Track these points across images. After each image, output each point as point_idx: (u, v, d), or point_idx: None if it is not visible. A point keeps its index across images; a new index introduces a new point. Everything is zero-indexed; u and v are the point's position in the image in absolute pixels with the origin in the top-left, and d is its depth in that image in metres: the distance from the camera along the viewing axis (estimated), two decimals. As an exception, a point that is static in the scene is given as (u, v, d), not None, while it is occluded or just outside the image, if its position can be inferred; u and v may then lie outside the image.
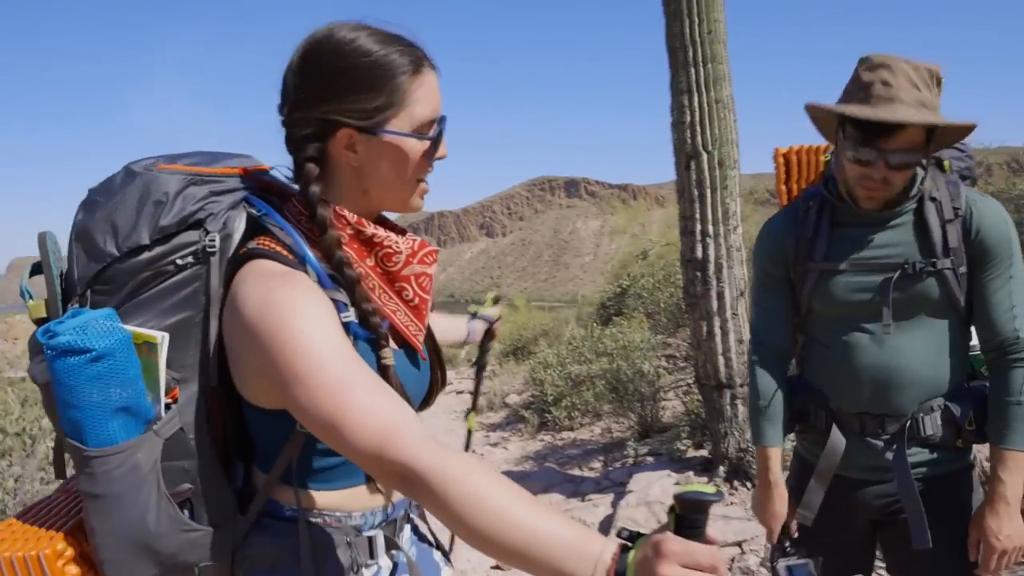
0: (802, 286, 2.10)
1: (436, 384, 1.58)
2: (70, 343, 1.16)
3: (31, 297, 1.31)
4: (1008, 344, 1.94)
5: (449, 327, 2.12)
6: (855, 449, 2.06)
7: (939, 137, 1.93)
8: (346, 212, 1.32)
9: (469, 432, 2.63)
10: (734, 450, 5.47)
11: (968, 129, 1.89)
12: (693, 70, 5.31)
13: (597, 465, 7.34)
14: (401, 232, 1.43)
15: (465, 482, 1.02)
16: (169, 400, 1.29)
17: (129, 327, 1.24)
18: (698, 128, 5.32)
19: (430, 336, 1.55)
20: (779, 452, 2.15)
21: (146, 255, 1.26)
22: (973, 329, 2.05)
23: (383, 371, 1.30)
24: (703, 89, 5.31)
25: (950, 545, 1.99)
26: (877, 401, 2.01)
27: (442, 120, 1.36)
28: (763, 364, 2.19)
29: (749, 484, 5.35)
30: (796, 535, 2.16)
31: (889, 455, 2.03)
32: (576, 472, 7.26)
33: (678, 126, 5.44)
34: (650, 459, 6.70)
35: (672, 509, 0.96)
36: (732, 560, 4.52)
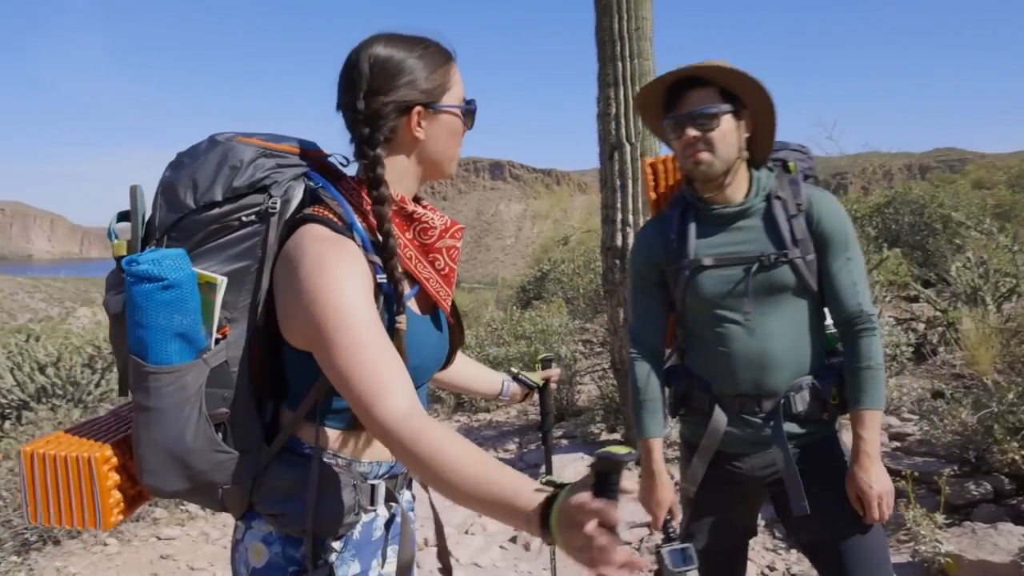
0: (675, 285, 2.29)
1: (456, 344, 1.81)
2: (147, 271, 1.38)
3: (116, 238, 1.53)
4: (854, 317, 2.19)
5: (487, 378, 2.24)
6: (736, 427, 2.26)
7: (754, 116, 2.18)
8: (391, 192, 1.54)
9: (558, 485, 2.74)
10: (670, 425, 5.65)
11: (753, 84, 2.10)
12: (620, 64, 5.48)
13: (512, 447, 7.47)
14: (434, 211, 1.63)
15: (430, 443, 1.24)
16: (219, 336, 1.49)
17: (195, 268, 1.45)
18: (623, 120, 5.50)
19: (459, 323, 1.79)
20: (660, 443, 2.34)
21: (217, 210, 1.47)
22: (827, 309, 2.29)
23: (395, 334, 1.49)
24: (629, 83, 5.48)
25: (834, 498, 2.21)
26: (753, 383, 2.21)
27: (472, 101, 1.65)
28: (641, 362, 2.36)
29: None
30: (679, 519, 2.33)
31: (767, 431, 2.23)
32: (491, 453, 7.38)
33: (603, 117, 5.60)
34: (564, 442, 6.86)
35: (592, 466, 1.09)
36: (641, 541, 4.69)
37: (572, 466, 5.77)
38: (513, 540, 5.08)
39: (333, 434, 1.57)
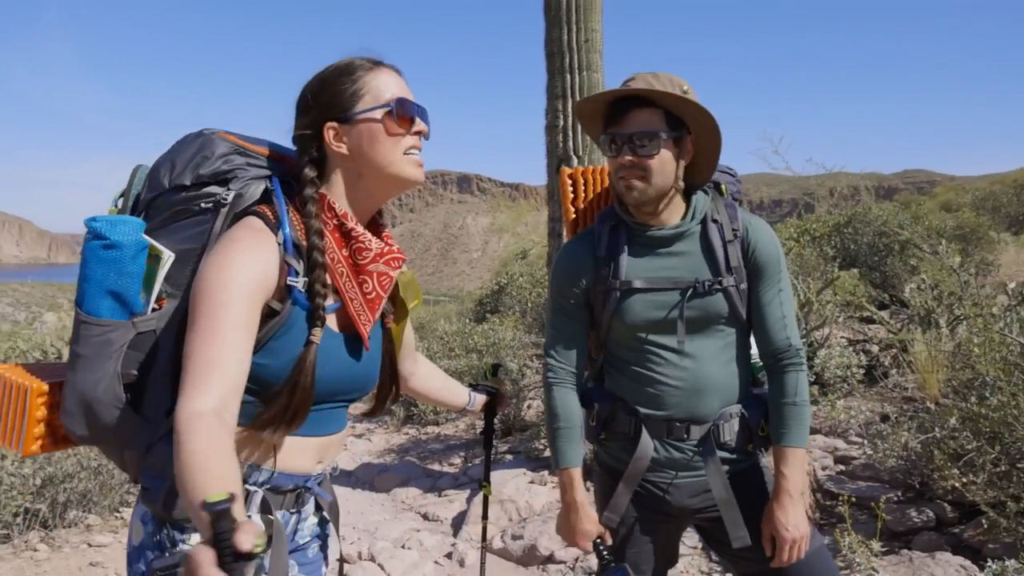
0: (603, 306, 2.16)
1: (385, 389, 1.85)
2: (97, 229, 1.49)
3: (116, 206, 1.67)
4: (781, 351, 2.13)
5: (453, 390, 2.33)
6: (661, 452, 2.15)
7: (696, 142, 2.09)
8: (336, 206, 1.61)
9: (485, 498, 2.88)
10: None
11: (700, 112, 2.01)
12: (569, 76, 5.40)
13: (458, 461, 7.35)
14: (383, 238, 1.70)
15: (186, 440, 1.27)
16: (156, 306, 1.58)
17: (151, 240, 1.54)
18: (570, 133, 5.42)
19: (389, 348, 1.82)
20: (580, 472, 2.20)
21: (183, 194, 1.59)
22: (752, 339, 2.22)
23: (307, 344, 1.54)
24: (577, 95, 5.40)
25: (756, 534, 2.12)
26: (683, 408, 2.11)
27: (411, 103, 1.64)
28: (560, 387, 2.23)
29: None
30: (609, 543, 2.20)
31: (696, 458, 2.14)
32: (436, 467, 7.25)
33: (551, 130, 5.52)
34: (509, 457, 6.75)
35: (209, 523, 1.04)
36: (576, 560, 4.60)
37: (513, 482, 5.66)
38: (448, 556, 4.99)
39: (236, 428, 1.49)
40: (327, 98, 1.61)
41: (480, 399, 2.44)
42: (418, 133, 1.66)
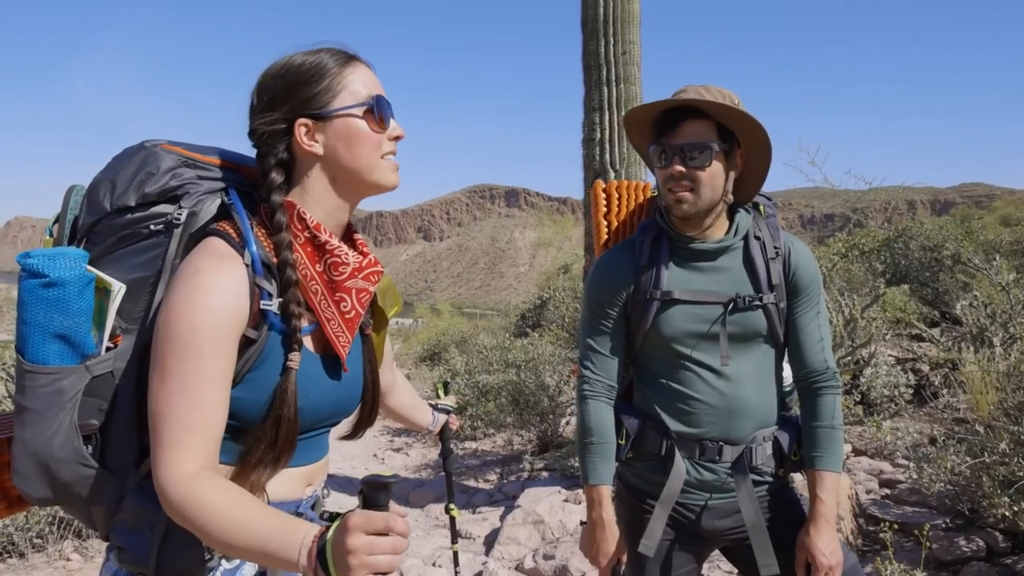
0: (641, 317, 2.11)
1: (367, 407, 1.69)
2: (34, 266, 1.33)
3: (51, 235, 1.51)
4: (818, 373, 2.11)
5: (421, 408, 2.29)
6: (692, 473, 2.10)
7: (746, 157, 2.05)
8: (307, 216, 1.44)
9: (452, 520, 2.81)
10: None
11: (753, 124, 1.96)
12: (606, 89, 5.33)
13: (493, 477, 7.28)
14: (359, 251, 1.54)
15: (196, 504, 1.20)
16: (111, 344, 1.41)
17: (96, 272, 1.39)
18: (607, 146, 5.34)
19: (371, 359, 1.67)
20: (609, 490, 2.14)
21: (128, 216, 1.42)
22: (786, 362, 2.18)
23: (285, 372, 1.40)
24: (615, 108, 5.33)
25: (787, 557, 2.07)
26: (718, 429, 2.07)
27: (389, 103, 1.50)
28: (595, 401, 2.17)
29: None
30: (624, 569, 2.15)
31: (728, 480, 2.09)
32: (472, 483, 7.19)
33: (588, 143, 5.45)
34: (545, 474, 6.67)
35: (360, 491, 1.11)
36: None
37: (547, 500, 5.56)
38: (479, 575, 4.89)
39: (222, 468, 1.40)
40: (299, 91, 1.43)
41: (441, 419, 2.40)
42: (397, 138, 1.52)
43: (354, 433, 1.75)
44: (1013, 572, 3.81)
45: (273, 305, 1.39)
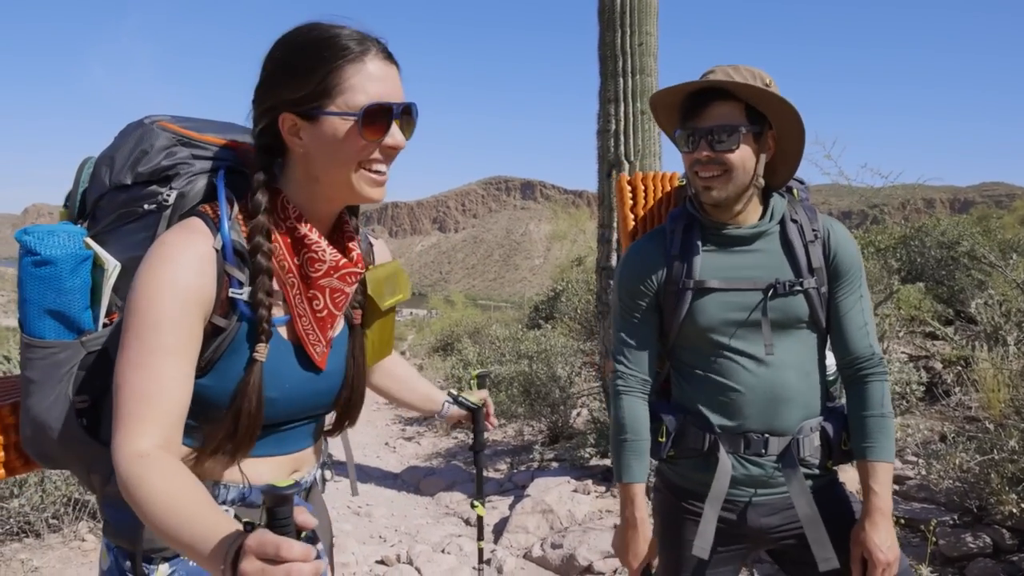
0: (675, 307, 2.04)
1: (345, 405, 1.62)
2: (28, 243, 1.36)
3: (66, 207, 1.54)
4: (863, 360, 2.02)
5: (426, 395, 2.16)
6: (738, 468, 2.03)
7: (778, 139, 1.98)
8: (290, 206, 1.41)
9: (479, 518, 2.62)
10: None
11: (783, 104, 1.90)
12: (622, 80, 5.32)
13: (504, 467, 7.31)
14: (347, 247, 1.50)
15: (139, 485, 1.16)
16: (108, 321, 1.45)
17: (96, 249, 1.41)
18: (622, 138, 5.33)
19: (357, 364, 1.61)
20: (644, 488, 2.08)
21: (125, 194, 1.43)
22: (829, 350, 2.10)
23: (250, 363, 1.36)
24: (630, 99, 5.32)
25: (841, 555, 1.97)
26: (762, 421, 1.99)
27: (388, 108, 1.35)
28: (629, 396, 2.10)
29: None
30: (656, 564, 2.10)
31: (775, 474, 2.01)
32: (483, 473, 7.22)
33: (603, 134, 5.44)
34: (555, 464, 6.69)
35: (263, 503, 1.03)
36: (615, 572, 4.53)
37: (556, 490, 5.59)
38: (487, 562, 4.92)
39: (183, 449, 1.37)
40: (291, 84, 1.34)
41: (453, 411, 2.22)
42: (392, 148, 1.39)
43: (335, 429, 1.71)
44: (1019, 569, 3.80)
45: (243, 294, 1.35)
